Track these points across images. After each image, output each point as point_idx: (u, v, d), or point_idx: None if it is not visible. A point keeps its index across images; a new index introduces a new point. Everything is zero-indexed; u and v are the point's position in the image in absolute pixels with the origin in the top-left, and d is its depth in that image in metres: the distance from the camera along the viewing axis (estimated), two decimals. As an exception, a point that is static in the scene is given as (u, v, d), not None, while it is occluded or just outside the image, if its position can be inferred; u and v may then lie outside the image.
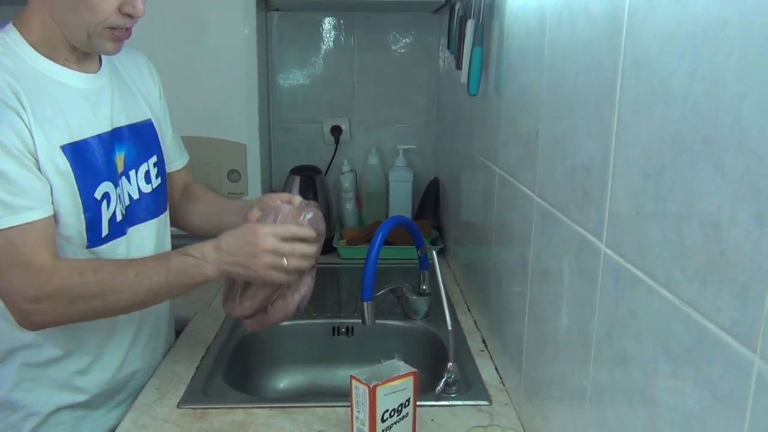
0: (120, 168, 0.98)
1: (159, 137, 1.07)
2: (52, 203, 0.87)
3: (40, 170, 0.86)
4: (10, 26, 0.90)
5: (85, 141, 0.92)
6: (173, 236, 1.13)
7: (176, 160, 1.15)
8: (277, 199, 1.01)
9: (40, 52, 0.89)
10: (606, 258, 0.62)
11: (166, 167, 1.12)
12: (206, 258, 0.89)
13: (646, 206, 0.54)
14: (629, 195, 0.57)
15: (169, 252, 0.93)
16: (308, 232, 0.93)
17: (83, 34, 0.88)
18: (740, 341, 0.41)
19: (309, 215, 0.97)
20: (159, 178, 1.07)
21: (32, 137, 0.85)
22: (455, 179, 1.56)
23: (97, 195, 0.92)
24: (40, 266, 0.85)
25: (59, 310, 0.87)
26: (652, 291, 0.52)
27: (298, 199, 1.01)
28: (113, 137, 0.97)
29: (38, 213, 0.85)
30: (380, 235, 1.09)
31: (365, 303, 1.07)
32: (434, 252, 1.14)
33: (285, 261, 0.91)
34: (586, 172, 0.68)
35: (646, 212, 0.54)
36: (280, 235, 0.91)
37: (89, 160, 0.92)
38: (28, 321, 0.87)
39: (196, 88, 1.60)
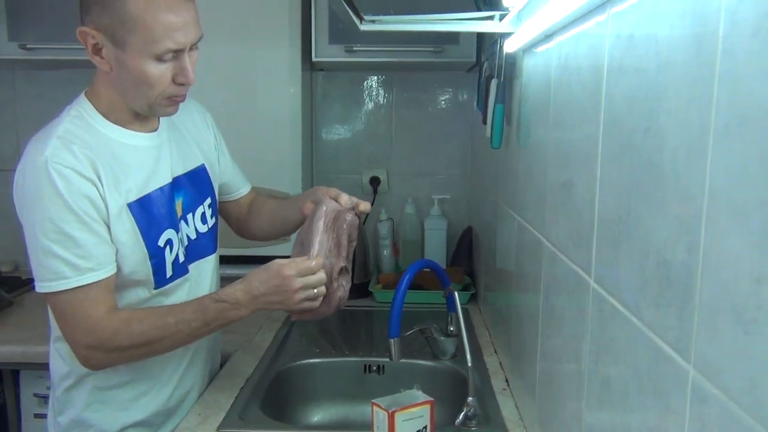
0: (179, 213, 1.07)
1: (212, 180, 1.16)
2: (117, 260, 0.96)
3: (110, 232, 0.95)
4: (82, 97, 0.99)
5: (148, 196, 1.00)
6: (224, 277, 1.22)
7: (241, 187, 1.26)
8: (327, 194, 1.09)
9: (109, 120, 0.98)
10: (594, 292, 0.69)
11: (234, 195, 1.23)
12: (240, 303, 0.96)
13: (621, 244, 0.61)
14: (610, 235, 0.65)
15: (203, 299, 0.99)
16: (319, 262, 0.99)
17: (145, 105, 0.97)
18: (681, 355, 0.48)
19: (348, 217, 1.03)
20: (213, 218, 1.15)
21: (105, 204, 0.94)
22: (487, 227, 1.61)
23: (161, 242, 1.01)
24: (96, 319, 0.94)
25: (111, 356, 0.96)
26: (626, 320, 0.59)
27: (345, 197, 1.07)
28: (173, 187, 1.05)
29: (101, 274, 0.94)
30: (407, 276, 1.16)
31: (392, 340, 1.13)
32: (456, 293, 1.20)
33: (315, 291, 0.99)
34: (578, 216, 0.76)
35: (621, 250, 0.61)
36: (303, 273, 0.98)
37: (153, 212, 1.00)
38: (88, 363, 0.98)
39: (245, 141, 1.70)
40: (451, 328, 1.34)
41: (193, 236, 1.10)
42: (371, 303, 1.80)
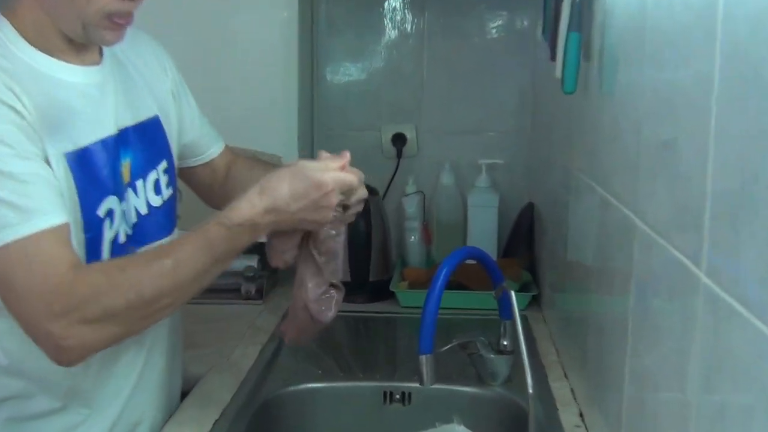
0: (126, 178, 1.09)
1: (168, 138, 1.18)
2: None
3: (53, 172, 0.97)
4: (0, 18, 1.01)
5: (87, 149, 1.02)
6: None
7: (212, 146, 1.29)
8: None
9: (35, 47, 1.00)
10: (706, 290, 0.70)
11: (204, 156, 1.27)
12: (258, 225, 1.00)
13: (744, 224, 0.62)
14: (729, 212, 0.65)
15: (208, 228, 1.00)
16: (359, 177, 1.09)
17: (78, 26, 0.99)
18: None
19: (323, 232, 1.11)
20: (170, 188, 1.18)
21: (42, 144, 0.97)
22: (554, 204, 1.62)
23: (101, 212, 1.03)
24: (59, 278, 0.93)
25: (102, 327, 0.95)
26: (751, 327, 0.59)
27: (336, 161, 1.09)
28: (118, 142, 1.07)
29: (53, 219, 0.94)
30: (444, 272, 1.18)
31: (422, 357, 1.15)
32: (512, 294, 1.21)
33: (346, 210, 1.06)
34: (684, 186, 0.76)
35: (744, 232, 0.62)
36: (344, 188, 1.05)
37: (92, 171, 1.02)
38: (62, 348, 0.94)
39: (220, 87, 1.72)
40: (505, 342, 1.35)
41: (144, 210, 1.12)
42: (393, 307, 1.81)
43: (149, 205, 1.14)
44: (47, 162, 0.97)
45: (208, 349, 1.54)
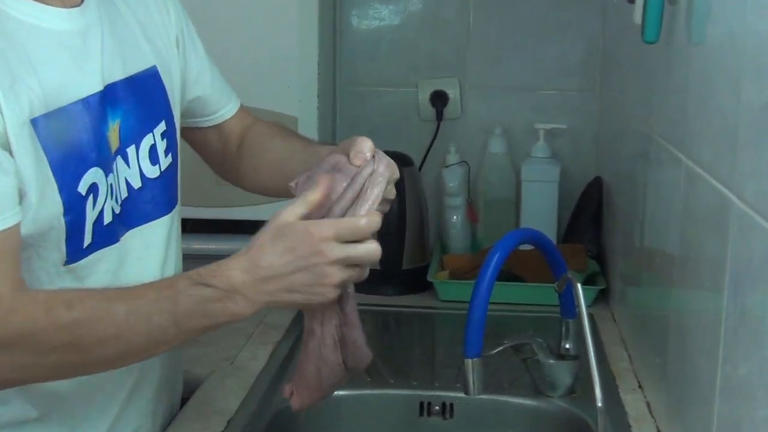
0: (114, 144, 1.07)
1: (168, 94, 1.16)
2: (20, 204, 0.95)
3: (14, 158, 0.93)
4: None
5: (64, 110, 0.99)
6: (188, 256, 1.25)
7: (226, 104, 1.28)
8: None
9: None
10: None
11: (214, 116, 1.25)
12: (237, 289, 0.94)
13: None
14: None
15: (175, 279, 0.98)
16: (373, 222, 0.98)
17: None
18: None
19: (381, 167, 1.02)
20: (169, 156, 1.16)
21: (1, 114, 0.93)
22: (629, 179, 1.61)
23: (82, 189, 1.01)
24: None
25: (20, 362, 0.94)
26: None
27: (363, 153, 1.02)
28: (105, 100, 1.05)
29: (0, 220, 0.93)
30: (496, 258, 1.18)
31: (469, 361, 1.15)
32: (578, 287, 1.21)
33: (365, 272, 0.98)
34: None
35: None
36: (346, 235, 0.95)
37: (70, 137, 0.99)
38: None
39: (225, 34, 1.72)
40: (567, 346, 1.36)
41: (137, 184, 1.10)
42: (431, 301, 1.82)
43: (143, 177, 1.12)
44: (4, 133, 0.93)
45: (209, 348, 1.55)
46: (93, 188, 1.03)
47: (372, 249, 0.96)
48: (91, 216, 1.03)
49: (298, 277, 0.94)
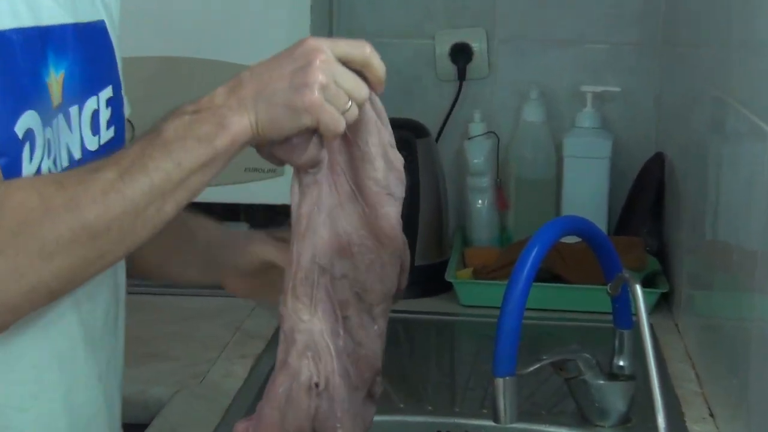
0: (57, 97, 1.08)
1: (116, 55, 1.19)
2: None
3: None
4: None
5: (1, 34, 1.01)
6: None
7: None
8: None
9: None
10: None
11: None
12: (216, 103, 1.01)
13: None
14: None
15: (158, 125, 1.03)
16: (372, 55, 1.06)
17: None
18: None
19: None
20: (111, 128, 1.17)
21: None
22: (698, 156, 1.61)
23: (19, 130, 1.02)
24: None
25: (27, 262, 0.96)
26: None
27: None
28: (47, 39, 1.07)
29: None
30: (533, 253, 1.15)
31: (499, 381, 1.13)
32: (636, 288, 1.18)
33: (349, 103, 1.02)
34: None
35: None
36: (345, 53, 1.02)
37: (8, 68, 1.01)
38: None
39: None
40: (621, 363, 1.35)
41: (77, 153, 1.12)
42: (450, 306, 1.82)
43: (84, 148, 1.12)
44: None
45: (172, 363, 1.55)
46: (29, 135, 1.04)
47: (361, 85, 1.04)
48: (27, 170, 1.03)
49: (285, 68, 1.01)
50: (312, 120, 1.02)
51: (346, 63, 1.03)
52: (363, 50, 1.05)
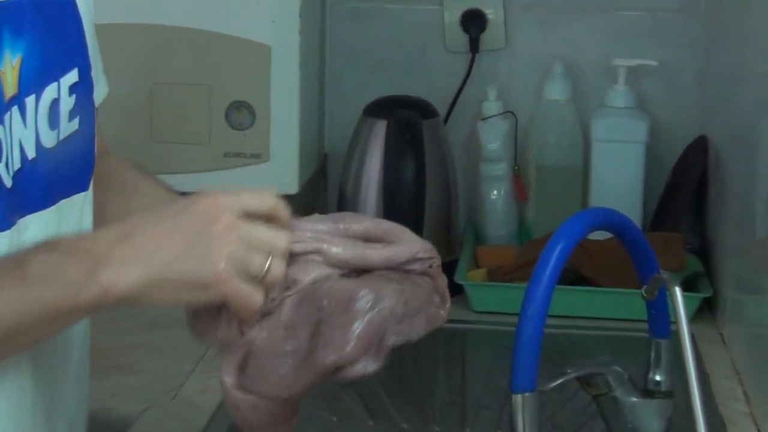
0: (11, 88, 1.07)
1: (86, 31, 1.18)
2: None
3: None
4: None
5: None
6: None
7: (98, 82, 1.25)
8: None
9: None
10: None
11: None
12: (97, 250, 0.97)
13: None
14: None
15: (37, 245, 1.01)
16: (286, 218, 1.03)
17: None
18: None
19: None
20: (75, 120, 1.16)
21: None
22: (747, 141, 1.61)
23: None
24: None
25: None
26: None
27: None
28: (1, 18, 1.05)
29: None
30: (556, 251, 1.15)
31: (518, 398, 1.12)
32: (677, 289, 1.18)
33: (267, 262, 0.99)
34: None
35: None
36: (251, 207, 0.99)
37: None
38: None
39: None
40: (658, 377, 1.32)
41: (31, 153, 1.11)
42: (461, 312, 1.82)
43: (39, 145, 1.11)
44: None
45: (141, 376, 1.56)
46: None
47: (278, 241, 1.01)
48: None
49: (178, 238, 0.98)
50: (217, 296, 0.99)
51: (250, 216, 1.00)
52: (268, 202, 1.02)
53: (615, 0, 2.06)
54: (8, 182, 1.06)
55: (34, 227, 1.10)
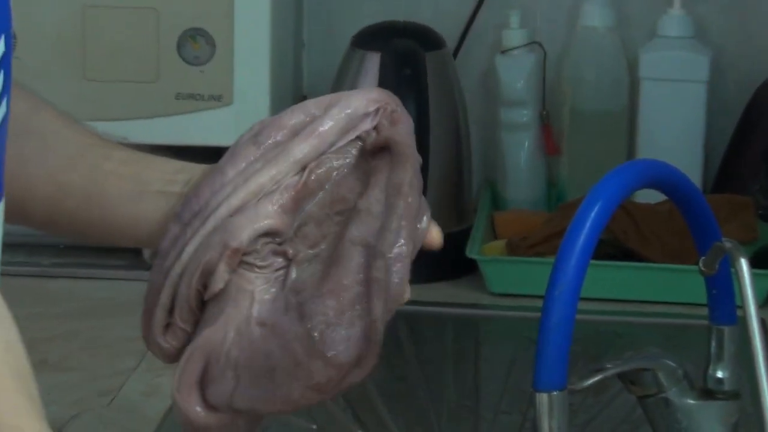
0: None
1: None
2: None
3: None
4: None
5: None
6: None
7: None
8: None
9: None
10: None
11: None
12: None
13: None
14: None
15: None
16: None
17: None
18: None
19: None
20: (5, 101, 1.16)
21: None
22: None
23: None
24: None
25: None
26: None
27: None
28: None
29: None
30: (591, 215, 1.14)
31: (543, 397, 1.12)
32: (743, 262, 1.17)
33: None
34: None
35: None
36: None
37: None
38: None
39: None
40: (720, 374, 1.33)
41: None
42: (475, 294, 1.84)
43: None
44: None
45: (71, 374, 1.58)
46: None
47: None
48: None
49: None
50: None
51: None
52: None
53: None
54: None
55: None
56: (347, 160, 1.04)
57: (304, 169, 1.02)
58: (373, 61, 1.86)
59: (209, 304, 1.03)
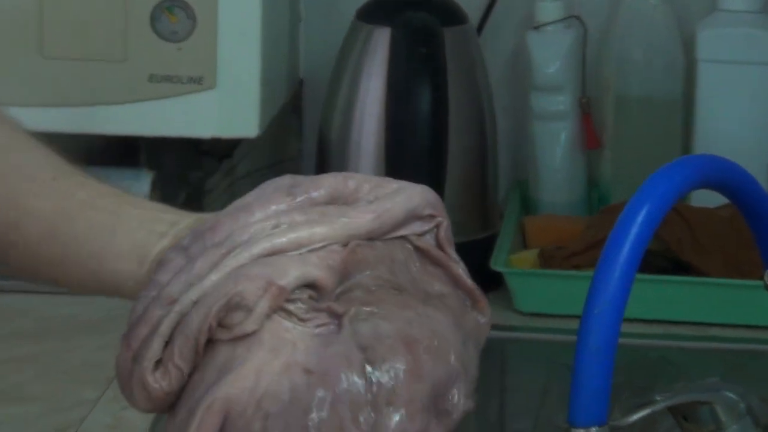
0: None
1: None
2: None
3: None
4: None
5: None
6: None
7: None
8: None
9: None
10: None
11: None
12: None
13: None
14: None
15: None
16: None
17: None
18: None
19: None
20: None
21: None
22: None
23: None
24: None
25: None
26: None
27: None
28: None
29: None
30: (639, 220, 1.12)
31: (579, 435, 1.11)
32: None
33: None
34: None
35: None
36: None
37: None
38: None
39: None
40: None
41: None
42: (502, 313, 1.85)
43: None
44: None
45: (31, 406, 1.59)
46: None
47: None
48: None
49: None
50: None
51: None
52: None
53: None
54: None
55: None
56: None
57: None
58: (382, 38, 1.86)
59: (220, 348, 1.03)
